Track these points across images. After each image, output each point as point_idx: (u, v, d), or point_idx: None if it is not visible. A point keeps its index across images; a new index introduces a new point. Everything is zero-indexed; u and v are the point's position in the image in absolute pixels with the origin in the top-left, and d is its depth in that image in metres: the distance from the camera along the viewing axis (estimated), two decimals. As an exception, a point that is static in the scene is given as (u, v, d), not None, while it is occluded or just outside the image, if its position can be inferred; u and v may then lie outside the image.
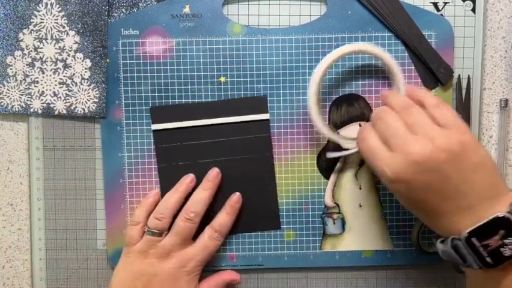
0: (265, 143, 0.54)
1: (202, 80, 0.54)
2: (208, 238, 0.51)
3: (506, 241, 0.38)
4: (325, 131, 0.50)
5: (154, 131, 0.54)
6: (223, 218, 0.52)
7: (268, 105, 0.54)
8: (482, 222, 0.38)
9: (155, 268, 0.50)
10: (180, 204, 0.52)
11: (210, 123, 0.54)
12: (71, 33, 0.53)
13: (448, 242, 0.41)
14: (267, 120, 0.54)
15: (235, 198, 0.53)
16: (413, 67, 0.54)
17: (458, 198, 0.39)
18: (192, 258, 0.51)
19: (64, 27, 0.53)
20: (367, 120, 0.54)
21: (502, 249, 0.38)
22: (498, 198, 0.39)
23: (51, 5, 0.53)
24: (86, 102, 0.54)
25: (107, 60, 0.54)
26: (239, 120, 0.54)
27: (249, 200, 0.54)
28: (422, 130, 0.41)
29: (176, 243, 0.50)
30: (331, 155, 0.53)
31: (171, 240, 0.50)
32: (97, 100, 0.54)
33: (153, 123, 0.54)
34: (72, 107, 0.54)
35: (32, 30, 0.53)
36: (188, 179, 0.53)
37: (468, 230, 0.39)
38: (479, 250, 0.39)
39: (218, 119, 0.54)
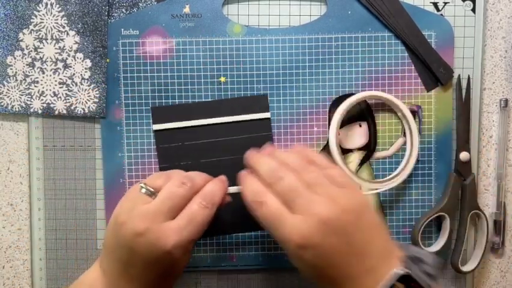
0: (267, 142, 0.54)
1: (202, 80, 0.54)
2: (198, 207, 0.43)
3: None
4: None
5: (155, 131, 0.54)
6: (213, 186, 0.45)
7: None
8: (385, 282, 0.38)
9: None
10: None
11: (211, 122, 0.54)
12: (71, 33, 0.53)
13: None
14: (268, 119, 0.54)
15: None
16: (413, 67, 0.54)
17: (361, 260, 0.39)
18: (170, 235, 0.41)
19: (64, 27, 0.53)
20: (367, 120, 0.55)
21: None
22: (393, 256, 0.39)
23: (51, 5, 0.53)
24: (86, 102, 0.54)
25: (107, 60, 0.54)
26: (240, 120, 0.54)
27: None
28: (322, 190, 0.39)
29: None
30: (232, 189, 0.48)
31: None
32: (97, 100, 0.54)
33: (154, 123, 0.54)
34: (72, 107, 0.54)
35: (32, 30, 0.53)
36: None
37: None
38: None
39: (219, 118, 0.54)
